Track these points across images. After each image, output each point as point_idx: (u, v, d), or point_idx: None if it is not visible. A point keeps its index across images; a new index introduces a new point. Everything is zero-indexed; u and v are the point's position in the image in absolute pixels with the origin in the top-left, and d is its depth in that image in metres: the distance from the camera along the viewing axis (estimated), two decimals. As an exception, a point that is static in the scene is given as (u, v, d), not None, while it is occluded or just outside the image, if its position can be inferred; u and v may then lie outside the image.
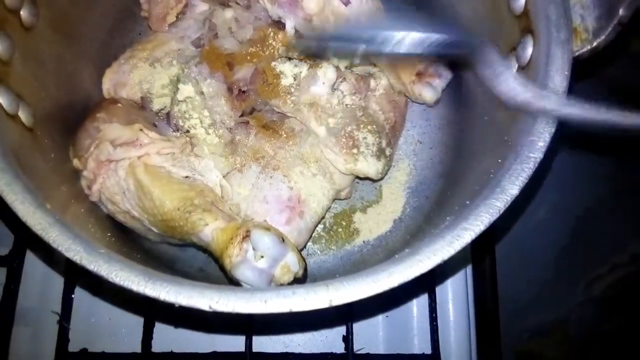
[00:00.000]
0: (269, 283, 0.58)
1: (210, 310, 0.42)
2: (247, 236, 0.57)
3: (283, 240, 0.58)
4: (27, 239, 0.79)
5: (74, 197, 0.60)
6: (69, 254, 0.43)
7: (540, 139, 0.47)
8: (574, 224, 1.03)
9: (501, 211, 0.45)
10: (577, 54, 0.52)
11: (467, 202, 0.48)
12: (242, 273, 0.56)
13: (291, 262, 0.58)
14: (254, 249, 0.57)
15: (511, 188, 0.46)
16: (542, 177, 0.98)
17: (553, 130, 0.48)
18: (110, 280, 0.42)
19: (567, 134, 0.50)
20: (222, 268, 0.59)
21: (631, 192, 1.04)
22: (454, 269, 0.80)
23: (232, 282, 0.58)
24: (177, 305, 0.42)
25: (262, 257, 0.57)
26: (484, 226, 0.45)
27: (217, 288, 0.43)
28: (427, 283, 0.78)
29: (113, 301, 0.79)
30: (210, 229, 0.60)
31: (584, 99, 0.47)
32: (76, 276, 0.78)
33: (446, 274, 0.80)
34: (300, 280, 0.60)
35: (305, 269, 0.61)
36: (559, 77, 0.49)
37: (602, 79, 0.96)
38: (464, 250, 0.45)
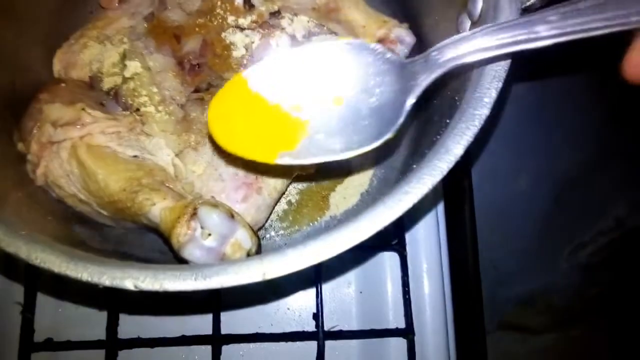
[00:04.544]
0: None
1: (137, 289, 0.39)
2: (194, 214, 0.55)
3: (233, 217, 0.56)
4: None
5: (15, 182, 0.58)
6: (-14, 238, 0.41)
7: (486, 94, 0.44)
8: (556, 191, 1.01)
9: (444, 172, 0.42)
10: (528, 3, 0.49)
11: (414, 166, 0.46)
12: (190, 253, 0.54)
13: (242, 239, 0.56)
14: (202, 227, 0.55)
15: (455, 148, 0.43)
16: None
17: (500, 85, 0.45)
18: (31, 262, 0.40)
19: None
20: (172, 249, 0.57)
21: (612, 157, 1.01)
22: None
23: (183, 263, 0.56)
24: (101, 287, 0.40)
25: (209, 235, 0.54)
26: (426, 188, 0.42)
27: (144, 266, 0.40)
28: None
29: (75, 300, 0.77)
30: (158, 209, 0.57)
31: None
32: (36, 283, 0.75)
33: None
34: (254, 257, 0.58)
35: (259, 245, 0.58)
36: (506, 29, 0.46)
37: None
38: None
